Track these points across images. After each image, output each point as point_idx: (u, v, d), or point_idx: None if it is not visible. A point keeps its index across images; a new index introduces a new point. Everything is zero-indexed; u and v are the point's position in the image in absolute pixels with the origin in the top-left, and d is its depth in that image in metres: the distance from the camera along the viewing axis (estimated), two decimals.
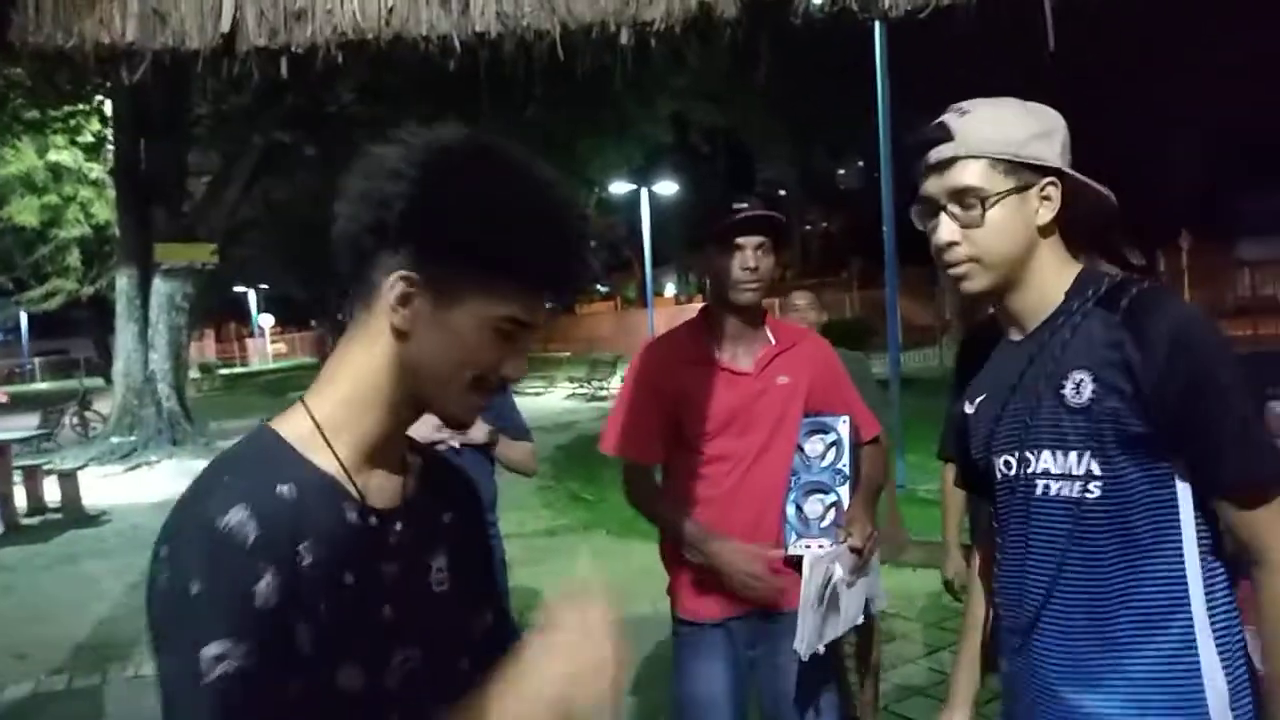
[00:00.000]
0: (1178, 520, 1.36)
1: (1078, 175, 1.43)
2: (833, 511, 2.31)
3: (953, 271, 1.46)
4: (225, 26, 2.98)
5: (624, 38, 3.22)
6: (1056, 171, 1.41)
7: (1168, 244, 19.06)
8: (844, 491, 2.31)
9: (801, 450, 2.37)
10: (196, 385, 26.63)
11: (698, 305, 3.17)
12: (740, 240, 2.29)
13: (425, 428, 1.35)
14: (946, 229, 1.43)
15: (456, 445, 2.91)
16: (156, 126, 14.28)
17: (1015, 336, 1.50)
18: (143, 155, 14.63)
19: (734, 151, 27.63)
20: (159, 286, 14.36)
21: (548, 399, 17.45)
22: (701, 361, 2.38)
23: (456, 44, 3.12)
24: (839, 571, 1.82)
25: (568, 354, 29.83)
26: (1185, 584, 1.36)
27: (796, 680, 2.32)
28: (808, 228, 36.07)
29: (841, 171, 36.61)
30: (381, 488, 1.08)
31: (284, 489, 1.00)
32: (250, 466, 1.01)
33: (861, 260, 25.46)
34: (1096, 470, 1.38)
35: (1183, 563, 1.36)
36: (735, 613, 2.37)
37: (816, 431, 2.38)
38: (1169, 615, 1.36)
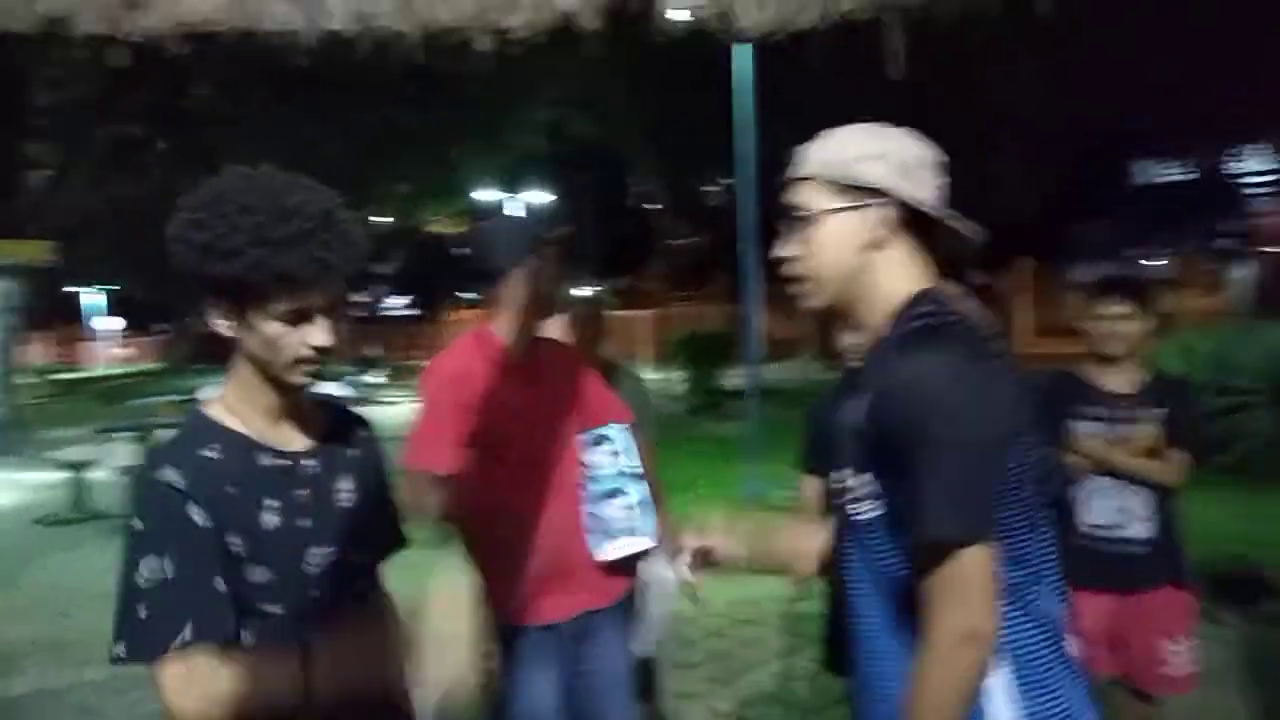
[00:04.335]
0: None
1: (909, 197, 1.44)
2: (636, 510, 2.38)
3: (790, 288, 1.53)
4: (52, 10, 2.81)
5: (484, 44, 3.21)
6: (885, 193, 1.44)
7: (1010, 265, 20.13)
8: (639, 488, 2.39)
9: (588, 463, 2.44)
10: (31, 390, 24.93)
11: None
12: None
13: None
14: (782, 245, 1.53)
15: None
16: None
17: (858, 361, 1.55)
18: None
19: (606, 163, 27.74)
20: None
21: (405, 408, 17.02)
22: (498, 365, 2.44)
23: (310, 40, 3.04)
24: (670, 574, 1.94)
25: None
26: None
27: (617, 677, 2.43)
28: (678, 243, 36.49)
29: (711, 189, 37.23)
30: (291, 437, 1.54)
31: (207, 451, 1.46)
32: (180, 438, 1.49)
33: (729, 275, 25.89)
34: (875, 490, 1.41)
35: None
36: (565, 614, 2.39)
37: (597, 443, 2.45)
38: None
